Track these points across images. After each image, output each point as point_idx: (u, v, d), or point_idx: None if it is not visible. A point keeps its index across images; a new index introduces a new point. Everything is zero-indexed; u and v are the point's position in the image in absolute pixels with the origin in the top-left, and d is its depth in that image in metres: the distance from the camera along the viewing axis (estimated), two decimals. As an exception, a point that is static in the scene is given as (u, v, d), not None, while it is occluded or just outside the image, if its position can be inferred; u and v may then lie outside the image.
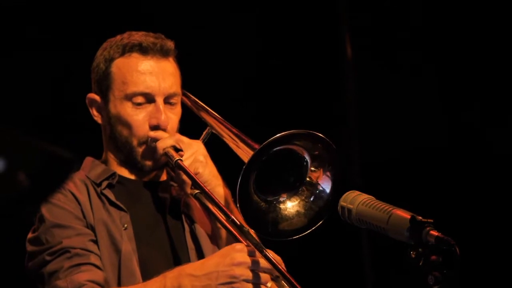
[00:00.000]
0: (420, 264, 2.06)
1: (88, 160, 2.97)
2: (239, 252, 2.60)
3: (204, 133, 2.95)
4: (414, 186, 4.60)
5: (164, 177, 2.96)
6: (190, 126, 2.98)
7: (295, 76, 4.76)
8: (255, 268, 2.58)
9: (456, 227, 2.61)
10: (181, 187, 2.83)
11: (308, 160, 2.65)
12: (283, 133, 2.57)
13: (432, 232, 2.06)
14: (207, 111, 2.98)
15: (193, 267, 2.64)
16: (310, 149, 2.64)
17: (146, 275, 2.75)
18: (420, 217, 2.11)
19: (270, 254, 2.58)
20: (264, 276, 2.59)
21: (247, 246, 2.60)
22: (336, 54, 4.83)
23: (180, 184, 2.83)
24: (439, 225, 2.08)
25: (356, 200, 2.37)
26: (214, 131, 2.93)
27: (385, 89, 4.78)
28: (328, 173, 2.66)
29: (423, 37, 4.79)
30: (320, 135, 2.61)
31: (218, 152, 2.86)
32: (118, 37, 2.94)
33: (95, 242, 2.77)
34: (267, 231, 2.62)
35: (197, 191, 2.75)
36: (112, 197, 2.86)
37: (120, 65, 2.89)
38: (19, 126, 3.94)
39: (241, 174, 2.56)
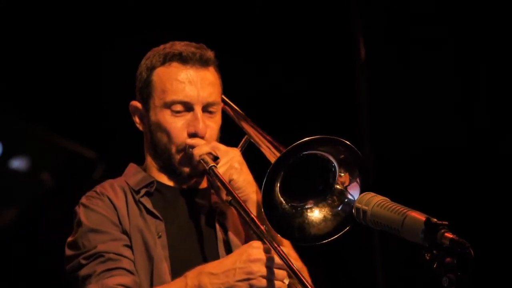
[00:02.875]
0: (435, 266, 2.08)
1: (131, 166, 3.04)
2: (255, 249, 2.64)
3: (242, 141, 3.00)
4: (427, 187, 4.60)
5: (204, 184, 3.01)
6: (233, 134, 3.02)
7: (308, 76, 4.77)
8: (271, 265, 2.62)
9: (471, 229, 2.62)
10: (217, 194, 2.88)
11: (336, 167, 2.64)
12: (310, 138, 2.58)
13: (447, 234, 2.08)
14: (246, 120, 3.03)
15: (212, 266, 2.68)
16: (337, 155, 2.64)
17: None
18: (435, 219, 2.13)
19: (285, 253, 2.60)
20: (280, 273, 2.62)
21: (264, 244, 2.63)
22: (349, 55, 4.84)
23: (216, 190, 2.88)
24: (453, 226, 2.10)
25: (371, 201, 2.39)
26: (252, 140, 2.97)
27: (398, 89, 4.79)
28: (356, 180, 2.65)
29: (437, 36, 4.80)
30: (348, 142, 2.61)
31: (256, 160, 2.88)
32: (161, 46, 3.00)
33: (130, 247, 2.83)
34: (294, 236, 2.64)
35: (230, 198, 2.77)
36: (149, 205, 2.92)
37: (160, 73, 2.95)
38: (44, 125, 4.02)
39: (266, 176, 2.58)
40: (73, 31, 4.24)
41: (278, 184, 2.64)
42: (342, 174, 2.66)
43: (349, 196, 2.69)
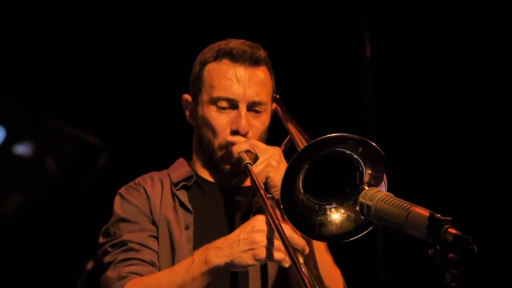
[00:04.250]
0: (438, 262, 2.09)
1: (179, 161, 3.10)
2: (259, 221, 2.67)
3: (285, 141, 3.01)
4: (433, 188, 4.60)
5: (247, 183, 3.01)
6: (281, 135, 3.03)
7: (312, 76, 4.77)
8: (274, 236, 2.64)
9: (477, 229, 2.61)
10: (254, 191, 2.89)
11: (363, 167, 2.59)
12: (335, 134, 2.55)
13: (450, 230, 2.08)
14: (291, 120, 3.02)
15: (218, 241, 2.71)
16: (364, 155, 2.60)
17: None
18: (439, 215, 2.13)
19: (288, 227, 2.62)
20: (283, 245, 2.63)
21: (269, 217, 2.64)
22: (354, 55, 4.85)
23: (253, 188, 2.87)
24: (458, 224, 2.10)
25: (375, 196, 2.40)
26: (294, 141, 2.94)
27: (403, 91, 4.78)
28: (384, 181, 2.59)
29: (444, 37, 4.80)
30: (374, 144, 2.57)
31: None
32: (218, 43, 3.04)
33: (156, 238, 2.89)
34: (314, 233, 2.61)
35: (270, 195, 2.77)
36: (184, 198, 2.96)
37: (211, 69, 2.98)
38: (49, 111, 4.03)
39: (286, 169, 2.57)
40: (80, 16, 4.24)
41: (301, 180, 2.61)
42: (369, 175, 2.61)
43: None
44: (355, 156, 2.59)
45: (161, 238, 2.89)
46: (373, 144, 2.56)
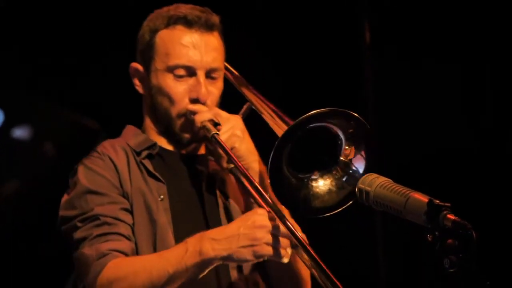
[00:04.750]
0: (437, 247, 2.08)
1: (130, 128, 3.01)
2: (261, 216, 2.62)
3: (244, 108, 2.96)
4: (432, 186, 4.58)
5: (202, 150, 2.98)
6: (231, 101, 2.99)
7: (311, 65, 4.76)
8: (275, 232, 2.60)
9: (475, 214, 2.61)
10: (217, 161, 2.85)
11: (343, 139, 2.63)
12: (319, 110, 2.56)
13: (449, 216, 2.07)
14: (247, 87, 3.00)
15: (214, 232, 2.65)
16: (344, 127, 2.63)
17: None
18: (438, 201, 2.12)
19: (291, 222, 2.60)
20: (284, 241, 2.60)
21: (269, 212, 2.62)
22: (355, 41, 4.84)
23: (216, 158, 2.84)
24: (458, 212, 2.10)
25: (374, 182, 2.38)
26: (253, 107, 2.93)
27: (403, 86, 4.77)
28: (362, 153, 2.63)
29: (444, 27, 4.79)
30: (355, 114, 2.59)
31: (257, 128, 2.86)
32: (165, 8, 2.96)
33: (129, 211, 2.79)
34: (298, 208, 2.62)
35: (232, 165, 2.75)
36: (150, 167, 2.88)
37: (163, 36, 2.91)
38: (47, 95, 4.02)
39: (274, 149, 2.56)
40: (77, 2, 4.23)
41: (285, 157, 2.62)
42: (348, 147, 2.64)
43: (353, 168, 2.67)
44: (336, 129, 2.62)
45: (136, 210, 2.80)
46: (356, 115, 2.58)
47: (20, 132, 3.74)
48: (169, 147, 2.96)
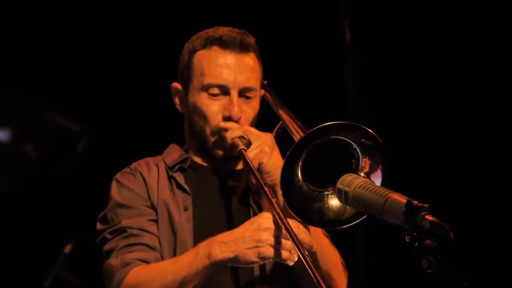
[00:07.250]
0: (415, 248, 2.09)
1: (172, 146, 3.13)
2: (265, 219, 2.70)
3: (277, 127, 3.03)
4: (420, 176, 4.60)
5: (240, 166, 3.06)
6: (271, 121, 3.05)
7: (294, 62, 4.77)
8: (280, 235, 2.67)
9: (457, 214, 2.62)
10: (248, 176, 2.94)
11: (359, 153, 2.61)
12: (335, 122, 2.55)
13: (427, 217, 2.09)
14: (282, 106, 3.05)
15: (223, 235, 2.74)
16: (360, 142, 2.61)
17: None
18: (416, 202, 2.14)
19: (294, 225, 2.64)
20: (288, 244, 2.66)
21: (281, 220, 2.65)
22: (336, 37, 4.84)
23: (247, 173, 2.93)
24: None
25: (353, 183, 2.41)
26: (285, 126, 2.98)
27: (387, 75, 4.78)
28: (379, 167, 2.60)
29: (427, 17, 4.79)
30: (370, 130, 2.57)
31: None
32: (205, 31, 3.07)
33: (155, 222, 2.92)
34: (313, 219, 2.63)
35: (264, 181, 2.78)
36: (181, 180, 3.00)
37: (200, 57, 3.01)
38: (29, 96, 4.02)
39: (286, 157, 2.58)
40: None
41: (299, 167, 2.63)
42: (365, 161, 2.62)
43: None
44: (352, 143, 2.61)
45: (160, 221, 2.92)
46: (370, 131, 2.57)
47: (0, 134, 3.73)
48: (205, 164, 3.07)
